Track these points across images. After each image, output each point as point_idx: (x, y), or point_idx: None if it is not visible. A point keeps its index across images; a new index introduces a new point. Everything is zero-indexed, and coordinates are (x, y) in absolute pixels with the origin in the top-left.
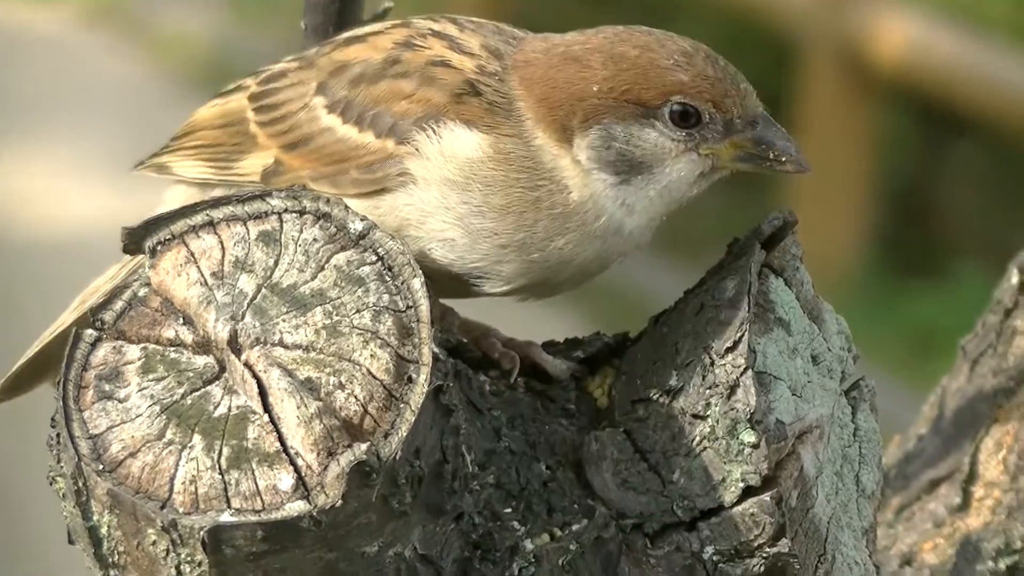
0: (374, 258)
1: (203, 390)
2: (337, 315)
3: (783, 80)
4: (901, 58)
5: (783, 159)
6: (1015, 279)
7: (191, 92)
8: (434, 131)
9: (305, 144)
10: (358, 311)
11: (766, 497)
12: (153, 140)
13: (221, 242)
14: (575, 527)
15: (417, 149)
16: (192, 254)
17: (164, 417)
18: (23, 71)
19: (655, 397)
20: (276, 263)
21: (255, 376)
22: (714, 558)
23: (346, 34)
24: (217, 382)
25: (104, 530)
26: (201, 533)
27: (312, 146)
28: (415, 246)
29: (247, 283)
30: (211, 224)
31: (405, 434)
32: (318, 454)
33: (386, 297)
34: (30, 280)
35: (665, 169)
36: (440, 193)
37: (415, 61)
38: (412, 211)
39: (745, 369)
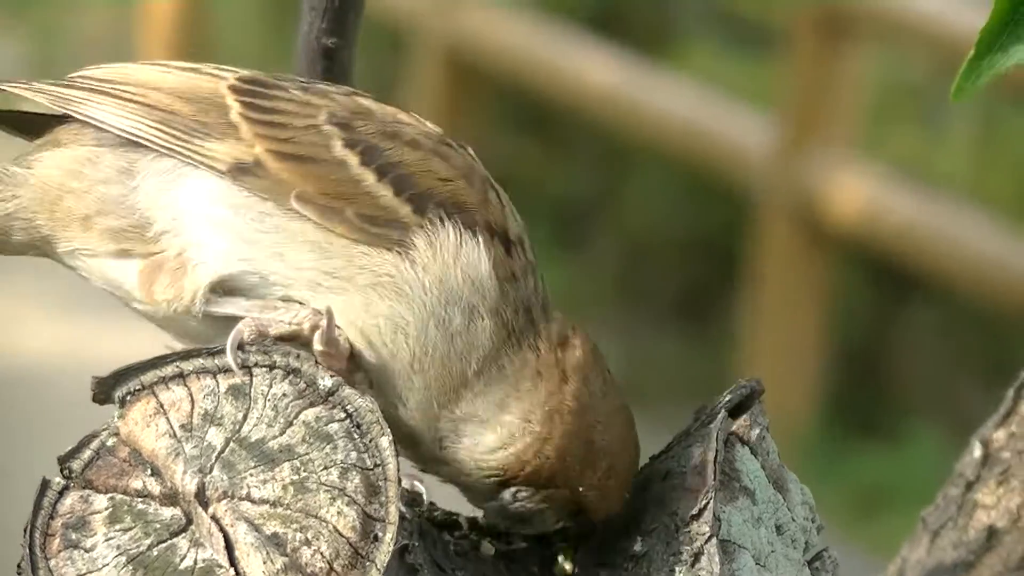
0: (343, 415)
1: (169, 542)
2: (305, 471)
3: (738, 234)
4: (857, 216)
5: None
6: (977, 452)
7: None
8: (457, 230)
9: (304, 163)
10: (326, 468)
11: None
12: None
13: (191, 394)
14: None
15: (426, 231)
16: (162, 405)
17: (130, 568)
18: None
19: (619, 563)
20: (245, 417)
21: (222, 530)
22: None
23: (367, 95)
24: (184, 534)
25: None
26: None
27: (314, 169)
28: (374, 308)
29: (216, 436)
30: (181, 376)
31: None
32: None
33: (354, 455)
34: None
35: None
36: (428, 283)
37: (461, 162)
38: (389, 271)
39: (710, 537)
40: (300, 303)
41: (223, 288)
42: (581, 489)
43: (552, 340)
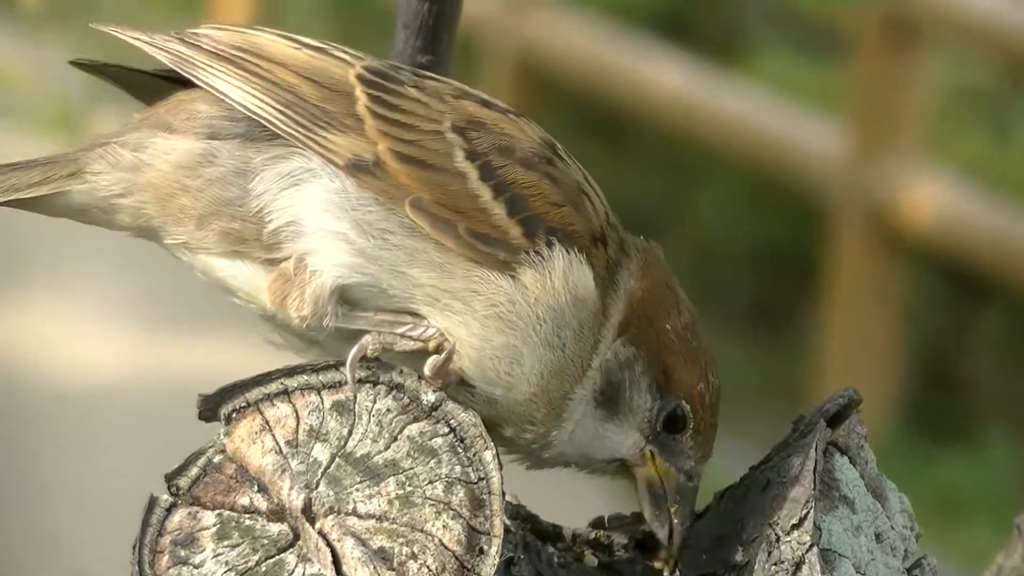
0: (446, 430)
1: (277, 557)
2: (410, 486)
3: (809, 240)
4: (929, 221)
5: (663, 542)
6: None
7: None
8: (567, 254)
9: (425, 169)
10: (431, 482)
11: None
12: (170, 276)
13: (296, 411)
14: None
15: (534, 262)
16: (267, 422)
17: None
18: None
19: (720, 572)
20: (350, 433)
21: (329, 545)
22: None
23: (468, 89)
24: (291, 550)
25: None
26: None
27: (434, 176)
28: (491, 341)
29: (321, 452)
30: (286, 393)
31: None
32: None
33: (458, 468)
34: (43, 432)
35: (616, 435)
36: (541, 314)
37: (567, 176)
38: (503, 301)
39: (811, 546)
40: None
41: (345, 298)
42: (668, 328)
43: (641, 258)
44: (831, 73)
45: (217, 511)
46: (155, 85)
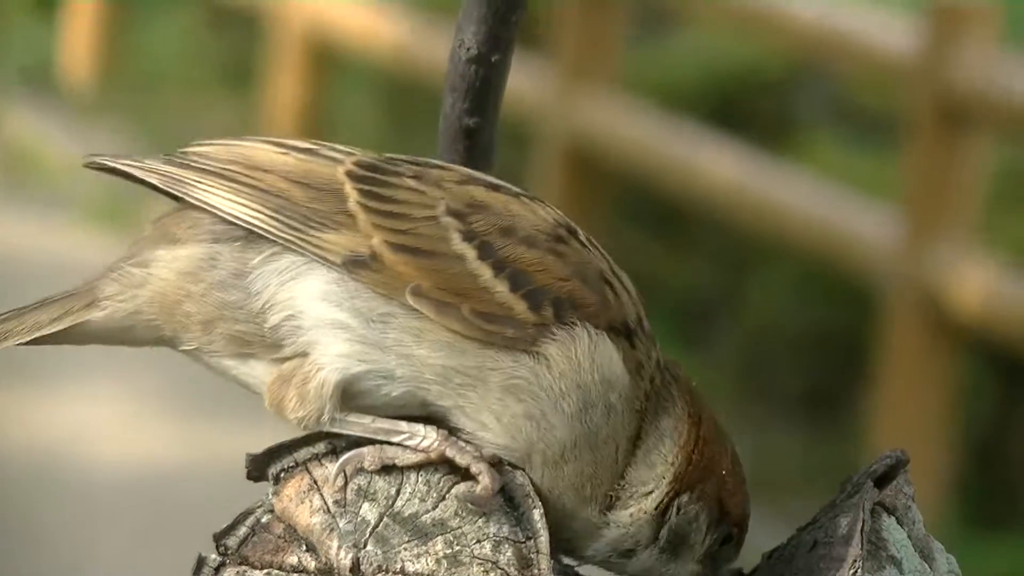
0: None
1: None
2: (458, 544)
3: (862, 327)
4: (980, 306)
5: None
6: None
7: None
8: (594, 334)
9: (421, 256)
10: (479, 541)
11: None
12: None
13: (344, 471)
14: None
15: (556, 337)
16: (315, 482)
17: None
18: None
19: None
20: (398, 492)
21: None
22: None
23: (479, 175)
24: None
25: None
26: None
27: (431, 262)
28: (511, 410)
29: (369, 512)
30: (334, 452)
31: None
32: None
33: (506, 528)
34: (94, 521)
35: (678, 570)
36: (565, 388)
37: (579, 256)
38: (523, 374)
39: None
40: (426, 421)
41: (351, 390)
42: (724, 473)
43: (683, 394)
44: (882, 160)
45: (265, 570)
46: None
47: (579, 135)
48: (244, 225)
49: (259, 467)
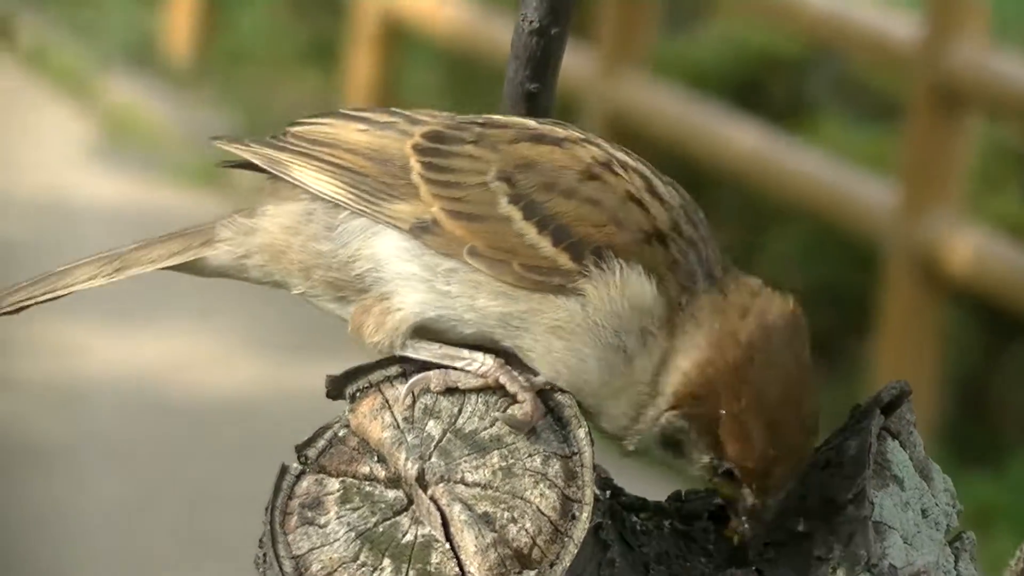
0: (545, 409)
1: (393, 520)
2: (512, 458)
3: (863, 282)
4: (968, 267)
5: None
6: None
7: None
8: (615, 267)
9: (475, 221)
10: (530, 455)
11: None
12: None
13: (412, 391)
14: None
15: (591, 275)
16: (387, 401)
17: (359, 542)
18: None
19: (785, 541)
20: (460, 411)
21: (439, 509)
22: None
23: (532, 124)
24: (405, 513)
25: None
26: None
27: (483, 226)
28: (554, 347)
29: (434, 428)
30: (404, 375)
31: (568, 564)
32: None
33: (555, 444)
34: (196, 442)
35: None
36: (601, 319)
37: (613, 191)
38: (562, 316)
39: (864, 519)
40: (486, 350)
41: (423, 331)
42: (722, 412)
43: (747, 288)
44: (884, 137)
45: (340, 478)
46: None
47: (617, 112)
48: (328, 198)
49: (337, 387)
